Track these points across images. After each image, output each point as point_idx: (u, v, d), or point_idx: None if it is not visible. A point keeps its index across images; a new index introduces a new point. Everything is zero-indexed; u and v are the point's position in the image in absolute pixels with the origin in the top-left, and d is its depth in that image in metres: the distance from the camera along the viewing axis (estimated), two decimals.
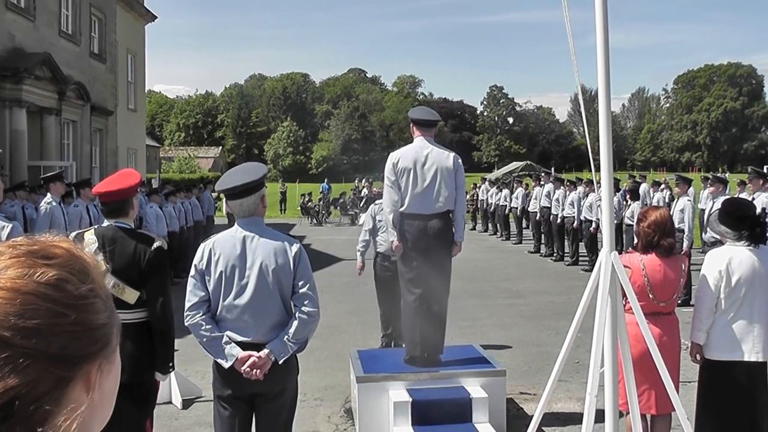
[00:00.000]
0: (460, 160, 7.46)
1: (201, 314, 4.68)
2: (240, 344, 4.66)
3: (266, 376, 4.63)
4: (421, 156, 7.29)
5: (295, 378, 4.92)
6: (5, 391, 1.00)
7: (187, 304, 4.72)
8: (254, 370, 4.59)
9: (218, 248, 4.74)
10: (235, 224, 4.84)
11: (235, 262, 4.69)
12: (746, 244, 5.52)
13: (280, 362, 4.64)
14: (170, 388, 8.00)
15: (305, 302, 4.68)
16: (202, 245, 4.84)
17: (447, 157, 7.32)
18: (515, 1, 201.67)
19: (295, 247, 4.76)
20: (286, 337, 4.64)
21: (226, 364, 4.63)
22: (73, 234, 5.36)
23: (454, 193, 7.30)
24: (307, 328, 4.69)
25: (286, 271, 4.69)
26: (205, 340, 4.69)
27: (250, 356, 4.60)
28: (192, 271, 4.76)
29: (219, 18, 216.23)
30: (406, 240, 7.30)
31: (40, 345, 1.03)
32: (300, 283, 4.70)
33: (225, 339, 4.66)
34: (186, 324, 4.74)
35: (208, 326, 4.67)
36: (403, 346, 7.82)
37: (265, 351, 4.61)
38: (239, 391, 4.73)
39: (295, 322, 4.66)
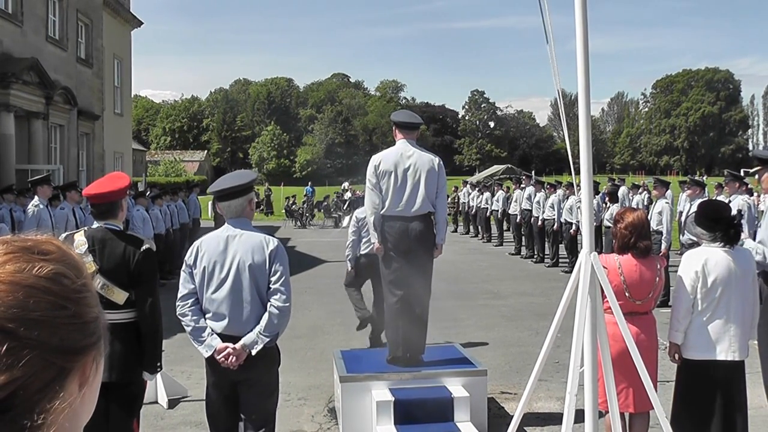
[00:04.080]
0: (441, 163, 7.50)
1: (189, 305, 5.10)
2: (219, 335, 5.04)
3: (246, 365, 5.01)
4: (402, 158, 7.34)
5: (276, 368, 5.26)
6: (10, 381, 1.02)
7: (179, 295, 5.14)
8: (230, 359, 4.97)
9: (204, 246, 5.14)
10: (225, 224, 5.19)
11: (217, 258, 5.07)
12: (721, 245, 5.62)
13: (254, 353, 4.99)
14: (156, 387, 8.04)
15: (275, 296, 5.01)
16: (194, 243, 5.27)
17: (428, 160, 7.36)
18: (496, 7, 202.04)
19: (272, 244, 5.08)
20: (258, 330, 4.99)
21: (206, 354, 5.06)
22: (63, 235, 5.40)
23: (435, 195, 7.37)
24: (277, 321, 5.02)
25: (262, 267, 5.03)
26: (190, 329, 5.12)
27: (226, 347, 4.98)
28: (183, 266, 5.19)
29: (204, 24, 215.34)
30: (387, 242, 7.36)
31: (42, 336, 1.05)
32: (273, 279, 5.03)
33: (208, 330, 5.06)
34: (177, 313, 5.12)
35: (194, 317, 5.09)
36: (384, 341, 7.91)
37: (240, 343, 4.99)
38: (223, 378, 5.13)
39: (266, 316, 5.01)
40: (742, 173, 18.10)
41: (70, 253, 1.18)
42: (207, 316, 5.09)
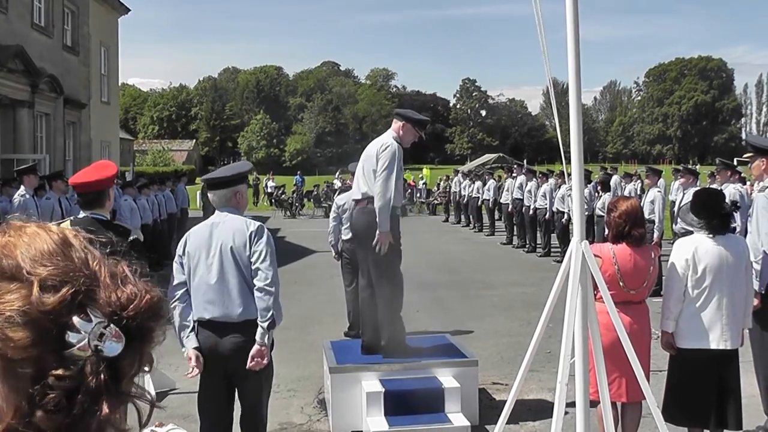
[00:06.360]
0: (389, 144, 7.16)
1: (179, 295, 5.17)
2: (209, 322, 5.11)
3: (242, 352, 5.06)
4: (368, 147, 7.40)
5: (270, 353, 5.30)
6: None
7: (170, 285, 5.20)
8: (256, 359, 5.05)
9: (192, 235, 5.30)
10: (215, 213, 5.35)
11: (203, 245, 5.19)
12: (706, 233, 5.63)
13: (267, 342, 5.10)
14: (144, 380, 7.95)
15: (257, 277, 5.07)
16: (185, 234, 5.40)
17: (377, 143, 7.29)
18: None
19: (253, 226, 5.18)
20: (258, 320, 5.06)
21: (183, 351, 5.14)
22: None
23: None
24: (265, 302, 5.07)
25: (243, 249, 5.13)
26: (177, 322, 5.17)
27: (254, 356, 5.06)
28: (175, 257, 5.31)
29: (192, 11, 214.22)
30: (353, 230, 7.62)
31: None
32: (254, 258, 5.10)
33: (191, 327, 5.14)
34: (167, 296, 5.00)
35: (182, 312, 5.14)
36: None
37: (256, 346, 5.05)
38: (219, 369, 5.18)
39: (257, 303, 5.08)
40: (735, 162, 18.10)
41: None
42: (195, 303, 5.15)
